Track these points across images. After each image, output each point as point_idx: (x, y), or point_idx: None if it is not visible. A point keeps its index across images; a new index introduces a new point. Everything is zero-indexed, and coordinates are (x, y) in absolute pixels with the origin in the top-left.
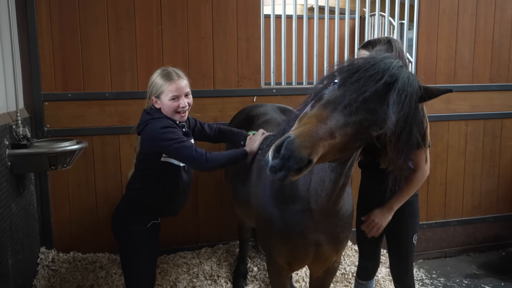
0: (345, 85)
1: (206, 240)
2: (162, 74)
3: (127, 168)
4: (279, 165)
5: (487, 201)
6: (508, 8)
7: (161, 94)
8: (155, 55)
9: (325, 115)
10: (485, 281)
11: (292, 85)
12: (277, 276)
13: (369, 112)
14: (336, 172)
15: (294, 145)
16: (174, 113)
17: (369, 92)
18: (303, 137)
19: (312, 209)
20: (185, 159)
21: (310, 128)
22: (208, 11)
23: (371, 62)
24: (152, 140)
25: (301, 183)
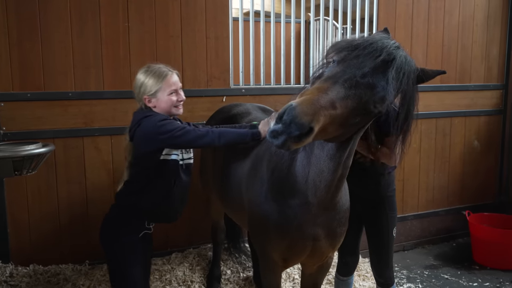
0: (344, 61)
1: (175, 245)
2: (153, 72)
3: (92, 173)
4: (281, 129)
5: (439, 196)
6: (455, 14)
7: (158, 92)
8: (122, 53)
9: (326, 87)
10: (443, 271)
11: (261, 85)
12: (271, 273)
13: (368, 87)
14: (334, 161)
15: (296, 111)
16: (171, 108)
17: (368, 67)
18: (305, 104)
19: (311, 202)
20: (194, 141)
21: (312, 97)
22: (176, 9)
23: (369, 41)
24: (151, 137)
25: (299, 175)
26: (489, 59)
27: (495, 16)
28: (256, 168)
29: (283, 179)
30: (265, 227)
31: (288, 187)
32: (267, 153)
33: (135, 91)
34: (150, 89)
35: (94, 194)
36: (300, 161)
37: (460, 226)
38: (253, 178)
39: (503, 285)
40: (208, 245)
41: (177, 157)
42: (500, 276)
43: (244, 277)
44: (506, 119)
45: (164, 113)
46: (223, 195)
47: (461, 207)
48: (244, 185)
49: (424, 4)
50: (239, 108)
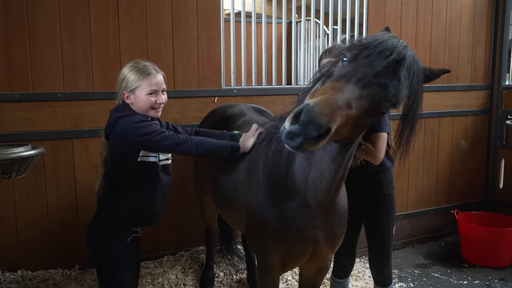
0: (356, 60)
1: (167, 248)
2: (137, 68)
3: (81, 175)
4: (298, 130)
5: (428, 195)
6: (443, 15)
7: (137, 89)
8: (112, 53)
9: (341, 86)
10: (434, 270)
11: (252, 86)
12: (270, 277)
13: (381, 86)
14: (336, 162)
15: (314, 112)
16: (149, 109)
17: (380, 66)
18: (323, 104)
19: (310, 204)
20: (171, 148)
21: (329, 96)
22: (167, 8)
23: (379, 40)
24: (127, 138)
25: (298, 178)
26: (475, 60)
27: (481, 18)
28: (251, 171)
29: (281, 182)
30: (264, 231)
31: (286, 189)
32: (262, 156)
33: (117, 85)
34: (130, 84)
35: (84, 197)
36: (299, 163)
37: (448, 225)
38: (249, 182)
39: (492, 283)
40: (200, 247)
41: (156, 158)
42: (489, 274)
43: (238, 279)
44: (492, 119)
45: (141, 113)
46: (218, 198)
47: (449, 206)
48: (240, 189)
49: (413, 5)
50: (233, 109)
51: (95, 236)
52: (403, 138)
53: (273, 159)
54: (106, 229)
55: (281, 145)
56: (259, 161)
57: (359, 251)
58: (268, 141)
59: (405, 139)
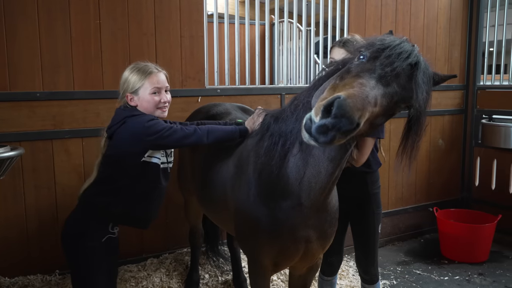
0: (376, 59)
1: (151, 251)
2: (137, 68)
3: (62, 177)
4: (331, 124)
5: (408, 193)
6: (420, 17)
7: (140, 89)
8: (93, 52)
9: (366, 83)
10: (415, 267)
11: (236, 86)
12: (261, 278)
13: (399, 86)
14: (334, 163)
15: (347, 105)
16: (154, 109)
17: (399, 68)
18: (355, 98)
19: (303, 204)
20: (182, 140)
21: (359, 91)
22: (150, 6)
23: (396, 42)
24: (138, 137)
25: (293, 177)
26: (451, 61)
27: (456, 20)
28: (241, 170)
29: (273, 181)
30: (255, 231)
31: (279, 189)
32: (252, 154)
33: (120, 88)
34: (133, 86)
35: (64, 200)
36: (294, 162)
37: (427, 223)
38: (239, 180)
39: (472, 278)
40: (184, 249)
41: (158, 160)
42: (468, 269)
43: (223, 281)
44: (467, 119)
45: (147, 113)
46: (204, 198)
47: (428, 204)
48: (229, 188)
49: (392, 6)
50: (218, 108)
51: (70, 232)
52: (410, 140)
53: (265, 157)
54: (82, 226)
55: (273, 142)
56: (249, 160)
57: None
58: (259, 139)
59: (412, 142)
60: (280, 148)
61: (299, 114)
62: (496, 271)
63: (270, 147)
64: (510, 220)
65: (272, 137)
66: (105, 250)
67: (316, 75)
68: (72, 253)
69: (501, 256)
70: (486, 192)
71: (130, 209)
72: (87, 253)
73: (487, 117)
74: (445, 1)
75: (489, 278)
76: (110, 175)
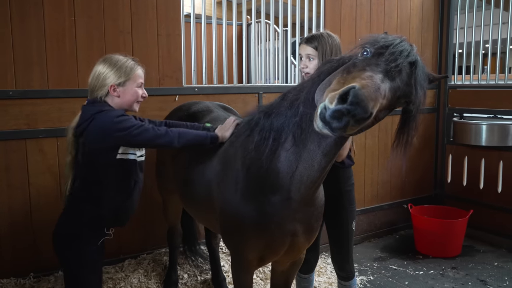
0: (381, 55)
1: (128, 251)
2: (122, 61)
3: (36, 178)
4: (346, 110)
5: (383, 191)
6: (394, 17)
7: (127, 81)
8: (68, 49)
9: (374, 76)
10: (391, 262)
11: (214, 85)
12: (246, 273)
13: (402, 82)
14: (328, 157)
15: (362, 94)
16: (134, 102)
17: (402, 64)
18: (369, 88)
19: (292, 198)
20: (152, 141)
21: (372, 82)
22: (126, 4)
23: (397, 40)
24: (106, 134)
25: (284, 171)
26: (423, 60)
27: (428, 21)
28: (227, 167)
29: (262, 175)
30: (242, 226)
31: (268, 183)
32: (239, 150)
33: (93, 82)
34: (119, 77)
35: (39, 201)
36: (286, 156)
37: (402, 219)
38: (225, 177)
39: (445, 272)
40: (163, 249)
41: (134, 156)
42: (442, 264)
43: (202, 280)
44: (439, 117)
45: (124, 106)
46: (187, 197)
47: (402, 201)
48: (215, 185)
49: (366, 7)
50: (199, 105)
51: (65, 238)
52: (406, 135)
53: (255, 152)
54: (78, 231)
55: (263, 137)
56: (236, 156)
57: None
58: (247, 135)
59: (408, 137)
60: (272, 143)
61: (298, 109)
62: (468, 265)
63: (260, 142)
64: (481, 215)
65: (262, 132)
66: (100, 253)
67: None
68: (69, 257)
69: (472, 250)
70: (458, 189)
71: (116, 210)
72: (86, 257)
73: (458, 115)
74: (417, 2)
75: (462, 271)
76: (88, 176)
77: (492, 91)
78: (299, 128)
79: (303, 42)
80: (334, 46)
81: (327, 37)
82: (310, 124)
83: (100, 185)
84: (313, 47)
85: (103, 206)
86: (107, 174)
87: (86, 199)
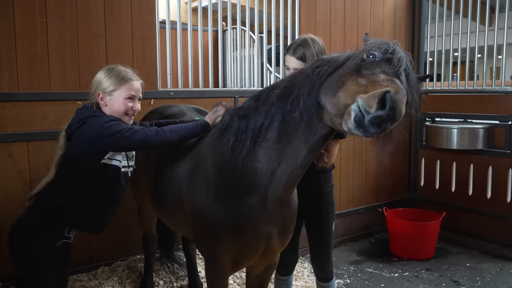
0: (390, 60)
1: (102, 259)
2: (118, 71)
3: (4, 183)
4: (387, 115)
5: (358, 195)
6: (367, 23)
7: (115, 91)
8: (39, 52)
9: (396, 81)
10: (367, 265)
11: (190, 89)
12: (220, 278)
13: (407, 85)
14: (313, 154)
15: (399, 99)
16: (123, 114)
17: (408, 69)
18: (401, 93)
19: (269, 197)
20: (143, 141)
21: (399, 87)
22: (99, 6)
23: (397, 45)
24: (95, 139)
25: (262, 170)
26: None
27: (400, 27)
28: (198, 168)
29: (237, 176)
30: (215, 229)
31: (244, 183)
32: (211, 151)
33: (92, 87)
34: (108, 86)
35: (7, 207)
36: (265, 154)
37: (377, 223)
38: (196, 179)
39: (420, 273)
40: (138, 256)
41: (119, 163)
42: (416, 266)
43: (178, 287)
44: (412, 121)
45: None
46: (158, 200)
47: (377, 205)
48: (185, 188)
49: (340, 13)
50: (173, 109)
51: (21, 236)
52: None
53: (230, 153)
54: (35, 228)
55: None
56: (207, 157)
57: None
58: (219, 136)
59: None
60: (249, 143)
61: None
62: (442, 266)
63: (236, 143)
64: (454, 217)
65: (238, 133)
66: (59, 255)
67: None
68: (23, 257)
69: (446, 252)
70: (431, 192)
71: (87, 213)
72: (40, 258)
73: (430, 119)
74: (389, 10)
75: (436, 273)
76: (68, 176)
77: (462, 96)
78: (287, 124)
79: (289, 53)
80: (319, 51)
81: (312, 44)
82: (301, 119)
83: (75, 184)
84: (299, 57)
85: (73, 206)
86: (85, 176)
87: (57, 195)
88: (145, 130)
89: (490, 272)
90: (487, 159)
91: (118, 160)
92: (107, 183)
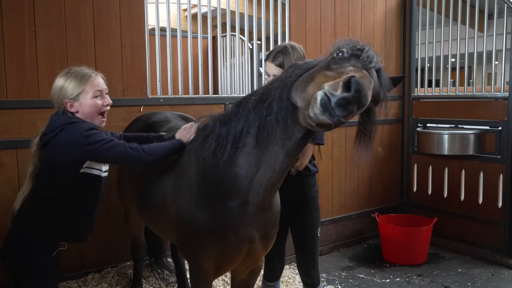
0: (358, 56)
1: (92, 265)
2: (74, 74)
3: None
4: (352, 97)
5: (351, 200)
6: (358, 30)
7: (80, 94)
8: (28, 60)
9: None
10: (359, 271)
11: (180, 95)
12: (204, 283)
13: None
14: (290, 158)
15: (364, 83)
16: (96, 114)
17: (377, 65)
18: (366, 79)
19: (250, 202)
20: (122, 157)
21: (364, 74)
22: (88, 14)
23: (366, 45)
24: (74, 147)
25: (242, 175)
26: (387, 72)
27: (391, 34)
28: (182, 173)
29: (218, 181)
30: (198, 234)
31: (225, 188)
32: (194, 157)
33: (54, 96)
34: (72, 92)
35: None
36: (245, 160)
37: (369, 228)
38: (180, 184)
39: (411, 279)
40: (128, 262)
41: (99, 172)
42: (408, 271)
43: None
44: (404, 127)
45: (88, 120)
46: (143, 206)
47: (370, 210)
48: (169, 194)
49: (330, 20)
50: (158, 116)
51: (16, 252)
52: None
53: (212, 158)
54: (29, 244)
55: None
56: (190, 163)
57: (289, 257)
58: (202, 141)
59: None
60: (230, 149)
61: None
62: (433, 272)
63: (217, 148)
64: (446, 223)
65: (220, 138)
66: (54, 264)
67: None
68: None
69: (438, 257)
70: (424, 197)
71: (73, 224)
72: (39, 270)
73: (422, 125)
74: (380, 17)
75: (427, 278)
76: (48, 188)
77: (453, 102)
78: (263, 129)
79: (269, 60)
80: (299, 59)
81: (292, 51)
82: (276, 124)
83: (58, 197)
84: (278, 64)
85: (60, 220)
86: (66, 187)
87: (43, 211)
88: (125, 145)
89: (481, 278)
90: (478, 165)
91: (98, 169)
92: (91, 193)
